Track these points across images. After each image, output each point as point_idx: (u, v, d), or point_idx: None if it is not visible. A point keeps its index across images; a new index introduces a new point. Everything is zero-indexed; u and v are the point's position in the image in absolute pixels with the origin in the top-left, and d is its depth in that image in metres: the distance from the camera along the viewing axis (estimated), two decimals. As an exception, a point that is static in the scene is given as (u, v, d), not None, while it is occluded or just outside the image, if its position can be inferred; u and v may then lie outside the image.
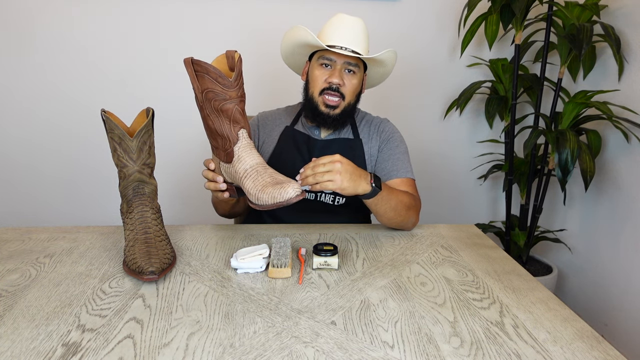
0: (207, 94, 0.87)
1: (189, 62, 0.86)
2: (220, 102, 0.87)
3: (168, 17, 1.88)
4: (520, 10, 1.59)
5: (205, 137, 1.99)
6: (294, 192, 0.83)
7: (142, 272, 0.79)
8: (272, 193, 0.84)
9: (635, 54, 1.66)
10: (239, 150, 0.90)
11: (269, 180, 0.87)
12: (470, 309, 0.76)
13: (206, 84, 0.86)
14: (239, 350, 0.63)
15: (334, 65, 1.13)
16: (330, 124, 1.16)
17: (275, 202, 0.84)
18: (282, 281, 0.84)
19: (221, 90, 0.86)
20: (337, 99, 1.13)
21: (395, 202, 1.05)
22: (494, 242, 1.07)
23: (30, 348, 0.63)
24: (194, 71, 0.86)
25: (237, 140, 0.90)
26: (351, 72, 1.14)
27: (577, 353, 0.66)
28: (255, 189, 0.87)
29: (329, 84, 1.13)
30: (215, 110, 0.88)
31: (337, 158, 0.93)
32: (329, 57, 1.12)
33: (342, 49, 1.10)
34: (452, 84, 2.07)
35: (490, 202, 2.25)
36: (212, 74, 0.84)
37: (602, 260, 1.85)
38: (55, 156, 1.98)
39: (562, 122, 1.74)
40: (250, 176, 0.88)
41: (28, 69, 1.87)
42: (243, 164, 0.90)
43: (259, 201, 0.86)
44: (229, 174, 0.94)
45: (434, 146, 2.15)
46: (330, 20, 1.15)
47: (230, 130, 0.89)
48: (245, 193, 0.90)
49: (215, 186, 0.96)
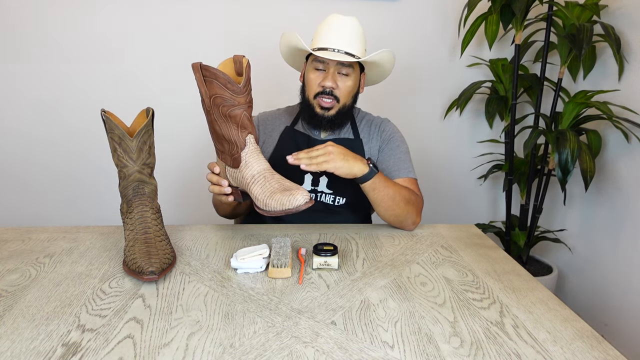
0: (215, 99, 0.86)
1: (198, 67, 0.85)
2: (228, 107, 0.86)
3: (168, 17, 1.88)
4: (520, 10, 1.59)
5: (206, 137, 1.99)
6: (303, 199, 0.84)
7: (142, 272, 0.79)
8: (280, 200, 0.85)
9: (635, 54, 1.66)
10: (246, 155, 0.90)
11: (276, 187, 0.87)
12: (470, 309, 0.76)
13: (214, 89, 0.85)
14: (239, 350, 0.63)
15: (327, 68, 1.12)
16: (326, 125, 1.17)
17: (284, 209, 0.84)
18: (282, 281, 0.84)
19: (230, 96, 0.85)
20: (330, 101, 1.13)
21: (394, 192, 1.05)
22: (494, 242, 1.07)
23: (30, 348, 0.63)
24: (202, 76, 0.85)
25: (245, 145, 0.90)
26: (345, 75, 1.13)
27: (577, 353, 0.66)
28: (263, 195, 0.87)
29: (322, 88, 1.13)
30: (223, 115, 0.88)
31: (329, 144, 1.00)
32: (322, 60, 1.12)
33: (334, 51, 1.09)
34: (452, 84, 2.07)
35: (490, 202, 2.25)
36: (221, 80, 0.84)
37: (602, 260, 1.85)
38: (55, 156, 1.98)
39: (562, 122, 1.74)
40: (257, 182, 0.88)
41: (28, 69, 1.87)
42: (250, 170, 0.90)
43: (267, 207, 0.86)
44: (235, 179, 0.94)
45: (434, 146, 2.15)
46: (323, 22, 1.14)
47: (238, 135, 0.89)
48: (253, 197, 0.90)
49: (220, 190, 0.97)
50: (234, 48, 1.93)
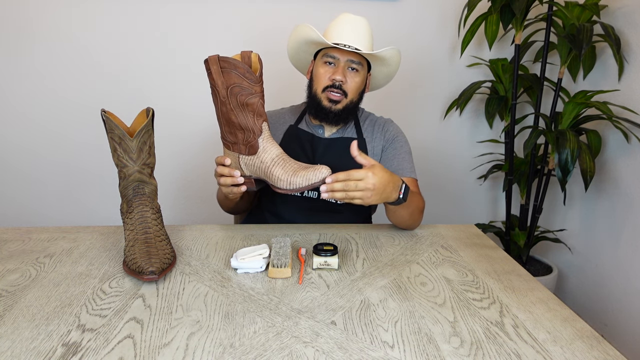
0: (233, 89, 0.92)
1: (216, 60, 0.90)
2: (246, 96, 0.92)
3: (169, 16, 1.88)
4: (520, 10, 1.59)
5: (207, 137, 2.00)
6: (327, 172, 0.91)
7: (142, 272, 0.79)
8: (305, 175, 0.91)
9: (635, 54, 1.66)
10: (263, 141, 0.96)
11: (297, 166, 0.94)
12: (470, 309, 0.76)
13: (233, 79, 0.91)
14: (239, 350, 0.63)
15: (337, 63, 1.14)
16: (332, 119, 1.18)
17: (310, 183, 0.91)
18: (282, 281, 0.84)
19: (248, 85, 0.91)
20: (339, 95, 1.15)
21: (413, 208, 1.08)
22: (494, 242, 1.07)
23: (30, 348, 0.63)
24: (220, 67, 0.91)
25: (261, 132, 0.95)
26: (354, 70, 1.15)
27: (577, 353, 0.66)
28: (287, 174, 0.93)
29: (332, 82, 1.14)
30: (240, 104, 0.93)
31: (370, 179, 0.90)
32: (333, 54, 1.14)
33: (345, 46, 1.11)
34: (452, 84, 2.07)
35: (490, 202, 2.25)
36: (240, 70, 0.90)
37: (602, 260, 1.85)
38: (55, 156, 1.98)
39: (562, 122, 1.74)
40: (278, 164, 0.94)
41: (27, 69, 1.87)
42: (270, 154, 0.95)
43: (291, 185, 0.92)
44: (250, 166, 0.98)
45: (434, 146, 2.15)
46: (335, 19, 1.17)
47: (254, 123, 0.94)
48: (274, 180, 0.95)
49: (233, 180, 0.99)
50: (238, 47, 1.93)
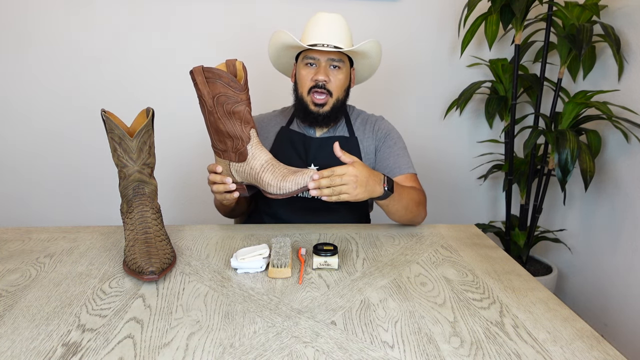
0: (219, 98, 0.92)
1: (200, 71, 0.91)
2: (232, 104, 0.92)
3: (169, 16, 1.88)
4: (520, 10, 1.59)
5: (207, 137, 1.99)
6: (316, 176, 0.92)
7: (142, 272, 0.79)
8: (294, 180, 0.92)
9: (635, 54, 1.66)
10: (252, 148, 0.96)
11: (286, 171, 0.95)
12: (470, 309, 0.76)
13: (218, 88, 0.91)
14: (239, 350, 0.63)
15: (318, 63, 1.14)
16: (322, 122, 1.18)
17: (300, 187, 0.92)
18: (282, 281, 0.84)
19: (233, 94, 0.92)
20: (324, 97, 1.15)
21: (407, 201, 1.07)
22: (494, 242, 1.07)
23: (30, 348, 0.63)
24: (204, 78, 0.91)
25: (250, 139, 0.96)
26: (336, 68, 1.15)
27: (577, 353, 0.66)
28: (276, 180, 0.94)
29: (315, 82, 1.14)
30: (227, 113, 0.93)
31: (351, 171, 0.93)
32: (312, 55, 1.14)
33: (323, 46, 1.11)
34: (452, 84, 2.07)
35: (490, 202, 2.25)
36: (225, 79, 0.91)
37: (602, 260, 1.85)
38: (55, 156, 1.98)
39: (562, 122, 1.74)
40: (267, 170, 0.95)
41: (27, 69, 1.87)
42: (259, 160, 0.96)
43: (281, 190, 0.93)
44: (241, 173, 0.98)
45: (434, 146, 2.15)
46: (310, 20, 1.16)
47: (242, 130, 0.95)
48: (264, 185, 0.95)
49: (225, 187, 0.99)
50: (229, 50, 1.93)
